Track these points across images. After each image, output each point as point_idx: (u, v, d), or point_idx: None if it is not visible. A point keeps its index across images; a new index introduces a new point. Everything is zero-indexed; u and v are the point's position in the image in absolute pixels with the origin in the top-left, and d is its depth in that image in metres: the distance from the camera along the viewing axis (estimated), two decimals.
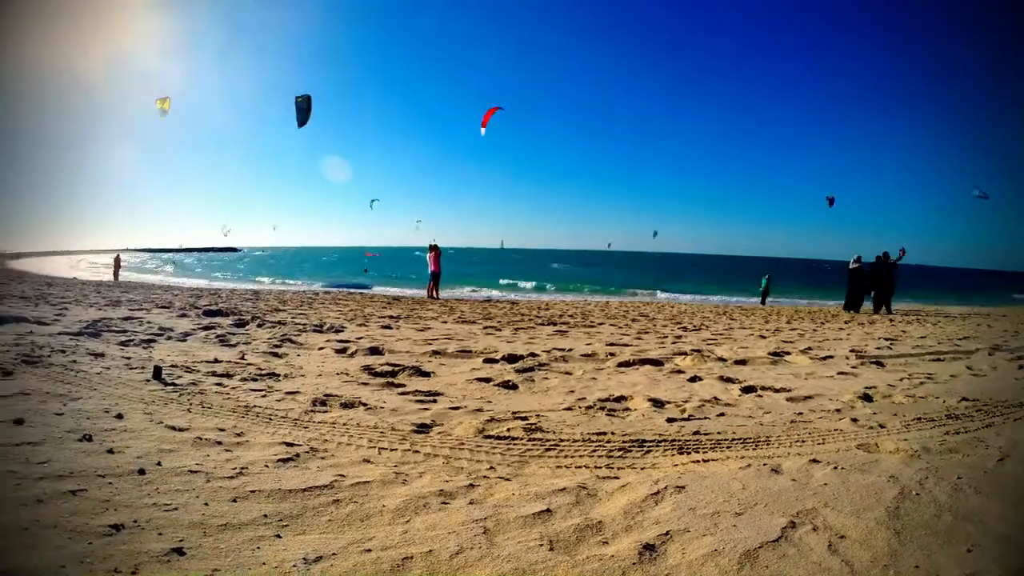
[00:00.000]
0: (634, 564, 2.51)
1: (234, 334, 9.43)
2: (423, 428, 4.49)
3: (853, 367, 7.77)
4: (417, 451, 3.96)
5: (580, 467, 3.74)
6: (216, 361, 6.88)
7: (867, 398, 5.68)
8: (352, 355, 7.82)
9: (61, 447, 3.57)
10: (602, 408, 5.21)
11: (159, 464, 3.43)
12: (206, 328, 9.96)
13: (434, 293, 22.34)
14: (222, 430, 4.21)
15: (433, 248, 22.16)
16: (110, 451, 3.58)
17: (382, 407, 5.05)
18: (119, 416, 4.34)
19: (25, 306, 12.56)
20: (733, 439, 4.34)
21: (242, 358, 7.22)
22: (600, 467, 3.74)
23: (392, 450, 3.97)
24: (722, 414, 5.10)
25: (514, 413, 4.95)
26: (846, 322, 15.62)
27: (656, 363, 7.63)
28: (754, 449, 4.13)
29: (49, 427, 3.94)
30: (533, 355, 8.03)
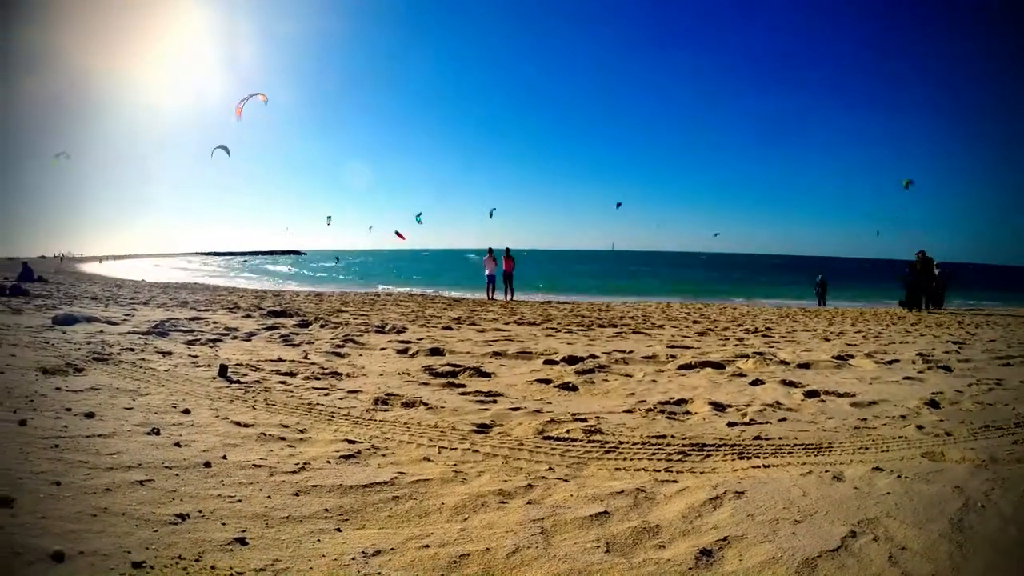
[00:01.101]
0: (690, 569, 2.47)
1: (297, 334, 9.69)
2: (483, 428, 4.53)
3: (919, 372, 7.46)
4: (476, 451, 3.99)
5: (639, 470, 3.71)
6: (280, 360, 7.09)
7: (933, 404, 5.46)
8: (413, 355, 7.94)
9: (130, 440, 3.74)
10: (662, 411, 5.16)
11: (224, 458, 3.55)
12: (270, 328, 10.28)
13: (500, 295, 22.85)
14: (286, 427, 4.33)
15: (490, 252, 22.78)
16: (177, 444, 3.73)
17: (442, 407, 5.11)
18: (186, 411, 4.52)
19: (96, 307, 13.21)
20: (795, 445, 4.24)
21: (305, 357, 7.41)
22: (659, 470, 3.71)
23: (452, 449, 4.01)
24: (784, 419, 4.99)
25: (574, 415, 4.94)
26: (912, 324, 15.05)
27: (717, 366, 7.50)
28: (816, 455, 4.02)
29: (119, 420, 4.13)
30: (593, 357, 8.00)
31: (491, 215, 43.38)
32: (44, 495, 2.79)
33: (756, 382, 6.49)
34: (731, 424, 4.77)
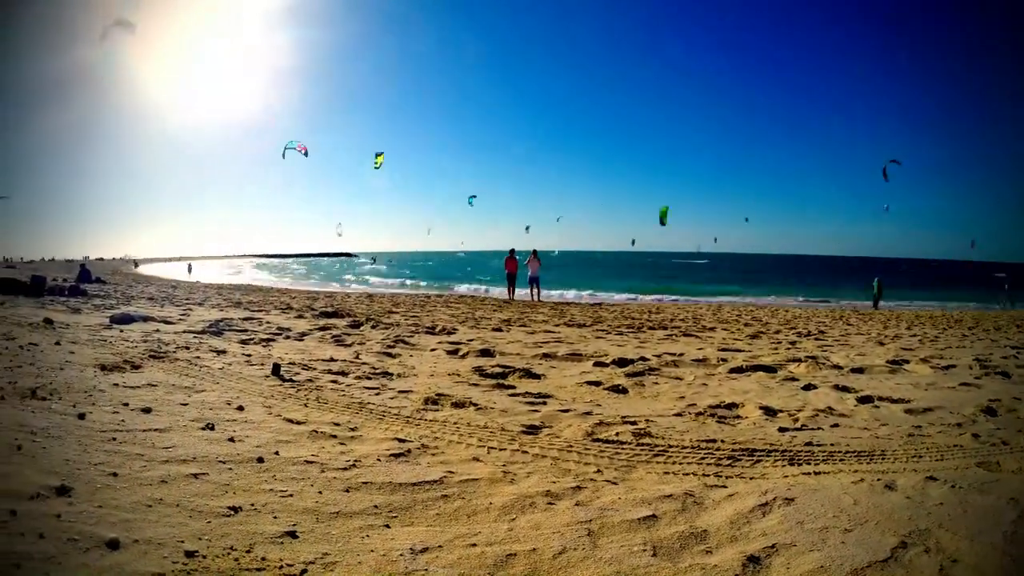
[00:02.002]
0: (737, 575, 2.45)
1: (349, 334, 9.86)
2: (532, 429, 4.54)
3: (976, 378, 7.19)
4: (525, 452, 4.01)
5: (688, 474, 3.68)
6: (332, 360, 7.22)
7: (990, 412, 5.26)
8: (464, 356, 8.00)
9: (185, 434, 3.87)
10: (712, 415, 5.10)
11: (277, 454, 3.65)
12: (322, 329, 10.48)
13: (524, 295, 23.12)
14: (337, 424, 4.42)
15: (512, 253, 23.07)
16: (231, 440, 3.83)
17: (492, 407, 5.14)
18: (240, 408, 4.65)
19: (152, 306, 13.67)
20: (846, 452, 4.14)
21: (357, 357, 7.53)
22: (708, 475, 3.67)
23: (501, 450, 4.03)
24: (836, 425, 4.88)
25: (623, 417, 4.92)
26: (970, 328, 14.53)
27: (769, 370, 7.37)
28: (868, 463, 3.92)
29: (174, 416, 4.27)
30: (643, 359, 7.94)
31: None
32: (101, 485, 2.91)
33: (808, 387, 6.36)
34: (782, 429, 4.69)
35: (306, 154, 26.86)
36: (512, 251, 23.44)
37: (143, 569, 2.20)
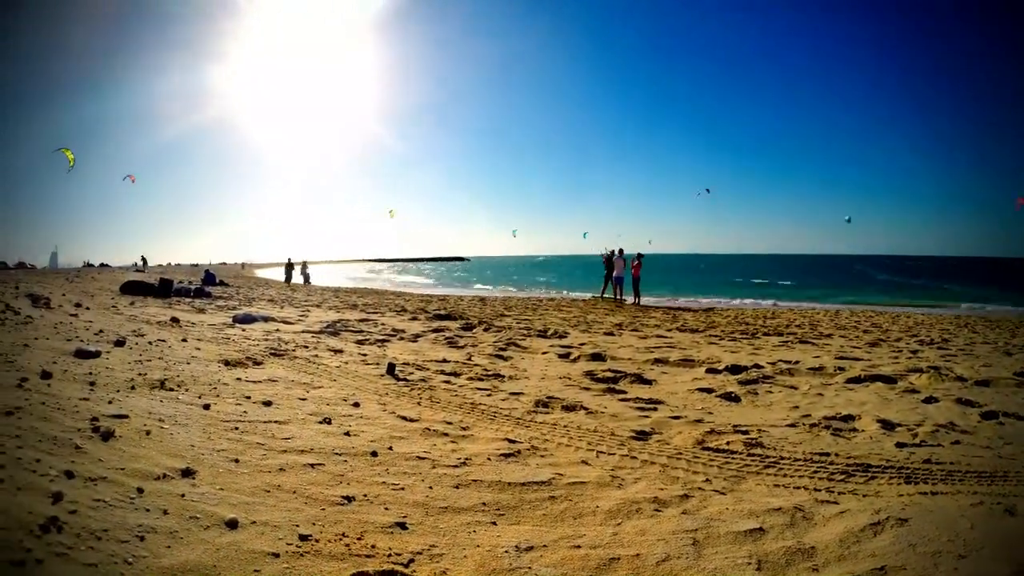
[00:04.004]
0: None
1: (461, 336, 10.10)
2: (642, 435, 4.53)
3: None
4: (634, 457, 4.01)
5: (798, 488, 3.57)
6: (445, 361, 7.44)
7: None
8: (575, 360, 8.04)
9: (303, 427, 4.11)
10: (827, 427, 4.90)
11: (390, 449, 3.82)
12: (436, 331, 10.78)
13: (630, 298, 22.81)
14: (449, 423, 4.57)
15: (618, 253, 22.77)
16: (347, 434, 4.04)
17: (603, 412, 5.16)
18: (356, 405, 4.88)
19: (272, 308, 14.44)
20: (967, 471, 3.86)
21: (469, 359, 7.72)
22: (819, 490, 3.54)
23: (610, 454, 4.05)
24: (957, 442, 4.56)
25: (735, 426, 4.83)
26: None
27: (888, 380, 6.97)
28: (989, 484, 3.65)
29: (293, 409, 4.54)
30: (757, 366, 7.72)
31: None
32: (223, 470, 3.15)
33: (929, 399, 5.99)
34: (900, 445, 4.45)
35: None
36: (616, 252, 23.14)
37: (259, 548, 2.38)
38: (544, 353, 8.61)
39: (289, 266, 33.91)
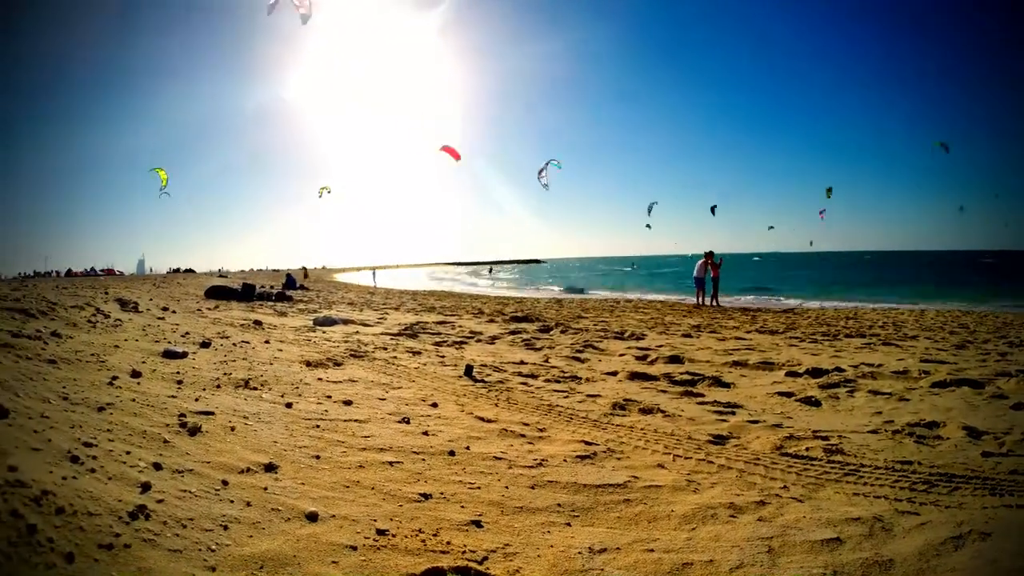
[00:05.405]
0: None
1: (538, 339, 10.16)
2: (719, 439, 4.48)
3: None
4: (711, 462, 3.97)
5: (879, 497, 3.45)
6: (522, 363, 7.52)
7: None
8: (652, 362, 7.98)
9: (383, 426, 4.24)
10: (910, 433, 4.70)
11: (467, 448, 3.92)
12: (513, 333, 10.88)
13: (710, 301, 22.35)
14: (526, 424, 4.63)
15: (708, 255, 22.28)
16: (425, 433, 4.16)
17: (680, 415, 5.12)
18: (434, 405, 5.01)
19: (352, 311, 14.84)
20: None
21: (546, 361, 7.77)
22: (900, 500, 3.42)
23: (686, 458, 4.02)
24: None
25: (814, 432, 4.70)
26: None
27: (975, 385, 6.62)
28: None
29: (373, 409, 4.69)
30: (839, 370, 7.48)
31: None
32: (304, 466, 3.31)
33: (1018, 406, 5.65)
34: (986, 454, 4.23)
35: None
36: (709, 254, 22.72)
37: (337, 540, 2.50)
38: (621, 355, 8.56)
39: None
